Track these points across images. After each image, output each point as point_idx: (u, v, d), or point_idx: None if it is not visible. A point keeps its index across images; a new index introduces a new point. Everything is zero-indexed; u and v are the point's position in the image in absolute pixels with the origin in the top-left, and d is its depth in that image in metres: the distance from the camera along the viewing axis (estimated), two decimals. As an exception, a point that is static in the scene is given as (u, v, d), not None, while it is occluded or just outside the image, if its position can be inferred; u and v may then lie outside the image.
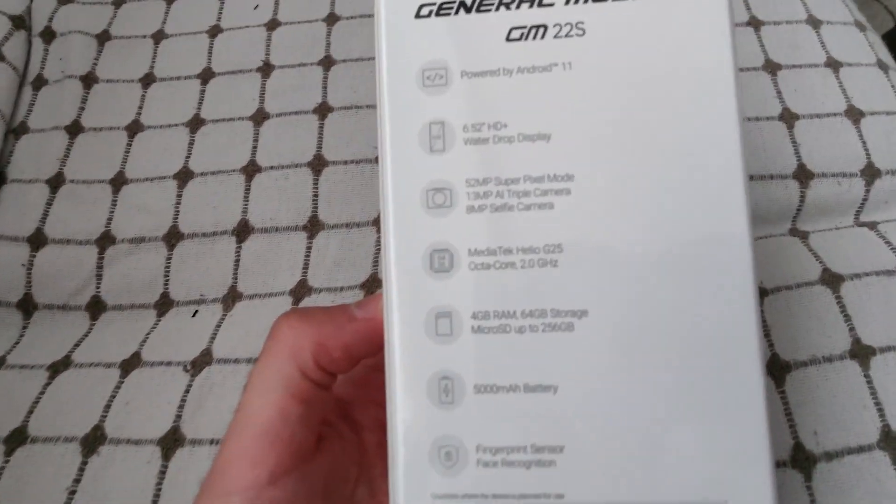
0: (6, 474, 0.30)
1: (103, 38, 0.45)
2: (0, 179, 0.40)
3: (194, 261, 0.37)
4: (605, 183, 0.17)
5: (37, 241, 0.37)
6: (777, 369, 0.30)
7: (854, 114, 0.38)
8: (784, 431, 0.29)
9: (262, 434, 0.18)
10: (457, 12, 0.18)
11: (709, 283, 0.16)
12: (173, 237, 0.37)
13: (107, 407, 0.32)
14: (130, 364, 0.33)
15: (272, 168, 0.38)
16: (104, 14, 0.47)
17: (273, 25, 0.44)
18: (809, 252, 0.34)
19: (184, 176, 0.39)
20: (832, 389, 0.29)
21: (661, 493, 0.16)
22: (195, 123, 0.41)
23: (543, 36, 0.17)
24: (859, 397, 0.29)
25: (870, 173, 0.36)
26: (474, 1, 0.18)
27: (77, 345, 0.35)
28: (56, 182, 0.39)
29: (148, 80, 0.43)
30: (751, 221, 0.17)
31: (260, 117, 0.40)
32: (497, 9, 0.18)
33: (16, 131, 0.42)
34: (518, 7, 0.18)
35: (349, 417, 0.21)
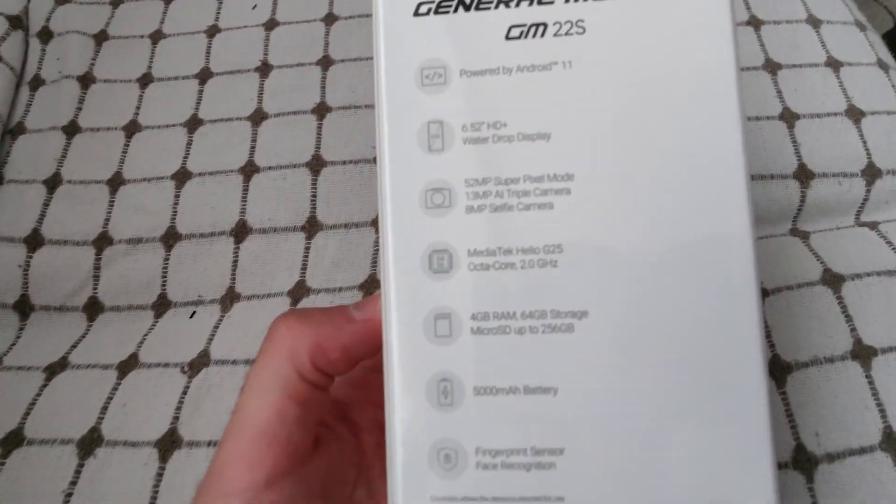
0: (2, 477, 0.30)
1: (101, 38, 0.45)
2: (-3, 180, 0.40)
3: (192, 261, 0.37)
4: (606, 183, 0.17)
5: (34, 242, 0.37)
6: (778, 370, 0.30)
7: (854, 113, 0.37)
8: (785, 432, 0.29)
9: (260, 436, 0.17)
10: (455, 10, 0.18)
11: (710, 284, 0.16)
12: (171, 238, 0.37)
13: (104, 409, 0.32)
14: (128, 365, 0.33)
15: (270, 168, 0.38)
16: (102, 14, 0.46)
17: (271, 25, 0.44)
18: (810, 252, 0.34)
19: (181, 176, 0.39)
20: (833, 390, 0.29)
21: (663, 496, 0.16)
22: (193, 124, 0.41)
23: (543, 34, 0.17)
24: (861, 398, 0.29)
25: (870, 173, 0.36)
26: (473, -1, 0.17)
27: (74, 346, 0.35)
28: (53, 182, 0.39)
29: (146, 81, 0.43)
30: (752, 221, 0.16)
31: (258, 117, 0.40)
32: (496, 7, 0.17)
33: (13, 132, 0.41)
34: (518, 5, 0.17)
35: (347, 419, 0.21)
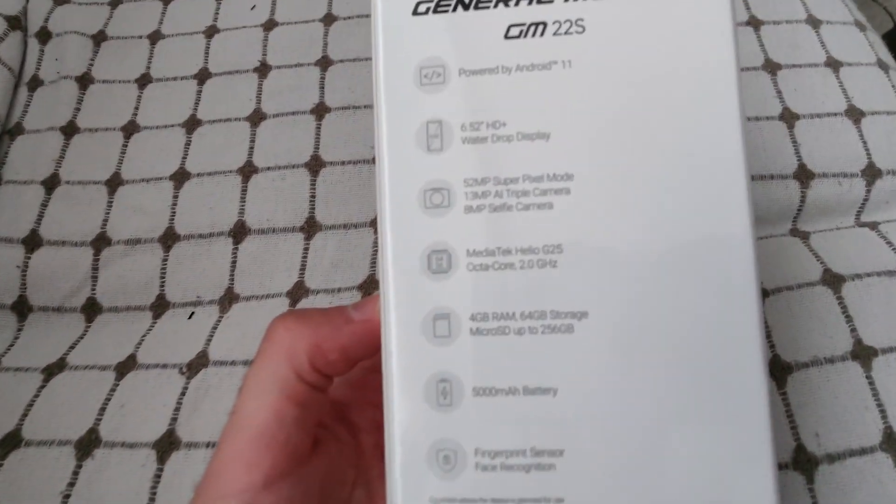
0: (0, 478, 0.30)
1: (99, 39, 0.45)
2: (-5, 180, 0.39)
3: (190, 262, 0.37)
4: (606, 182, 0.17)
5: (32, 243, 0.37)
6: (778, 370, 0.30)
7: (854, 113, 0.37)
8: (785, 433, 0.29)
9: (257, 437, 0.17)
10: (454, 9, 0.17)
11: (710, 284, 0.16)
12: (169, 238, 0.37)
13: (102, 410, 0.32)
14: (126, 366, 0.33)
15: (269, 169, 0.38)
16: (100, 14, 0.46)
17: (270, 26, 0.44)
18: (810, 252, 0.33)
19: (180, 177, 0.38)
20: (834, 391, 0.29)
21: (663, 497, 0.16)
22: (191, 124, 0.41)
23: (543, 33, 0.17)
24: (861, 398, 0.29)
25: (870, 173, 0.36)
26: (472, -2, 0.17)
27: (72, 347, 0.35)
28: (51, 183, 0.39)
29: (144, 81, 0.43)
30: (753, 221, 0.16)
31: (257, 118, 0.40)
32: (496, 6, 0.17)
33: (11, 132, 0.41)
34: (517, 4, 0.17)
35: (346, 419, 0.21)
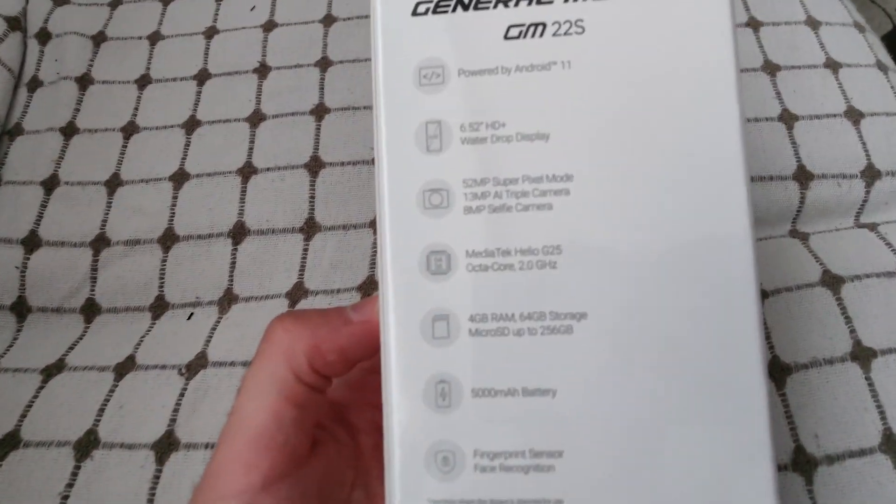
0: (-2, 479, 0.30)
1: (99, 40, 0.45)
2: (-6, 181, 0.39)
3: (190, 263, 0.37)
4: (605, 183, 0.17)
5: (31, 244, 0.37)
6: (777, 371, 0.30)
7: (854, 115, 0.37)
8: (785, 434, 0.28)
9: (256, 438, 0.17)
10: (454, 10, 0.17)
11: (710, 284, 0.16)
12: (169, 239, 0.37)
13: (100, 411, 0.31)
14: (125, 367, 0.33)
15: (268, 170, 0.38)
16: (100, 15, 0.46)
17: (269, 27, 0.44)
18: (809, 254, 0.33)
19: (179, 178, 0.38)
20: (833, 392, 0.29)
21: (662, 498, 0.16)
22: (191, 125, 0.41)
23: (542, 34, 0.17)
24: (860, 400, 0.29)
25: (870, 174, 0.36)
26: (472, -2, 0.17)
27: (71, 348, 0.35)
28: (51, 184, 0.39)
29: (144, 82, 0.43)
30: (752, 221, 0.16)
31: (256, 119, 0.40)
32: (495, 6, 0.17)
33: (10, 133, 0.41)
34: (516, 5, 0.17)
35: (345, 421, 0.21)
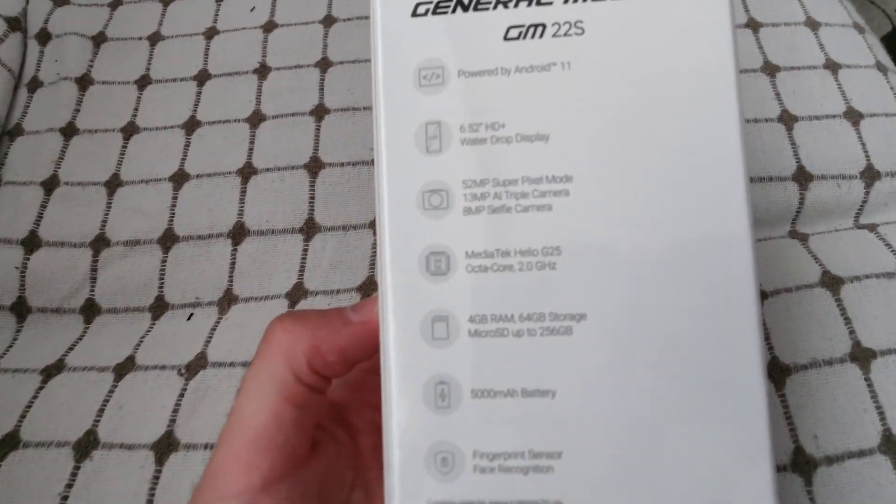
0: (-2, 479, 0.30)
1: (99, 40, 0.45)
2: (-6, 181, 0.39)
3: (189, 263, 0.37)
4: (605, 184, 0.17)
5: (31, 244, 0.37)
6: (777, 372, 0.30)
7: (853, 115, 0.37)
8: (784, 435, 0.28)
9: (256, 438, 0.17)
10: (454, 11, 0.17)
11: (709, 284, 0.16)
12: (168, 240, 0.37)
13: (100, 411, 0.31)
14: (124, 368, 0.33)
15: (268, 170, 0.38)
16: (100, 16, 0.46)
17: (269, 27, 0.44)
18: (809, 254, 0.33)
19: (179, 178, 0.38)
20: (832, 393, 0.29)
21: (661, 499, 0.16)
22: (191, 125, 0.41)
23: (542, 35, 0.17)
24: (860, 401, 0.29)
25: (869, 175, 0.36)
26: (471, -1, 0.17)
27: (71, 348, 0.35)
28: (51, 184, 0.39)
29: (144, 82, 0.43)
30: (751, 220, 0.16)
31: (256, 119, 0.40)
32: (495, 7, 0.17)
33: (10, 133, 0.41)
34: (516, 6, 0.17)
35: (345, 421, 0.21)
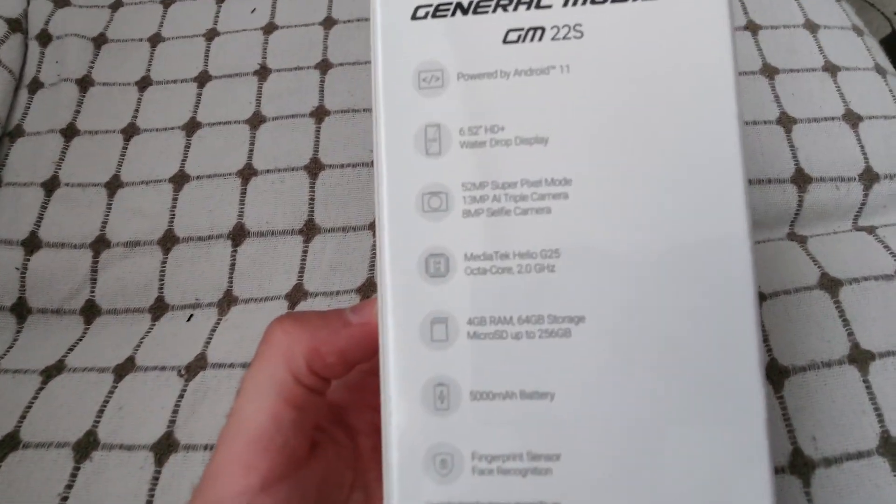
0: (-2, 480, 0.30)
1: (100, 42, 0.45)
2: (-6, 182, 0.39)
3: (190, 265, 0.37)
4: (604, 187, 0.17)
5: (31, 245, 0.37)
6: (775, 374, 0.30)
7: (852, 118, 0.38)
8: (782, 437, 0.29)
9: (255, 440, 0.17)
10: (453, 14, 0.17)
11: (707, 286, 0.16)
12: (168, 241, 0.37)
13: (100, 412, 0.32)
14: (124, 369, 0.33)
15: (268, 172, 0.38)
16: (101, 17, 0.46)
17: (270, 29, 0.44)
18: (808, 257, 0.34)
19: (179, 179, 0.39)
20: (831, 395, 0.29)
21: (660, 500, 0.16)
22: (191, 127, 0.41)
23: (541, 38, 0.17)
24: (858, 402, 0.29)
25: (868, 177, 0.36)
26: (471, 2, 0.17)
27: (71, 349, 0.35)
28: (51, 185, 0.39)
29: (144, 84, 0.43)
30: (750, 221, 0.16)
31: (256, 121, 0.40)
32: (494, 10, 0.17)
33: (11, 134, 0.41)
34: (515, 9, 0.17)
35: (344, 422, 0.21)
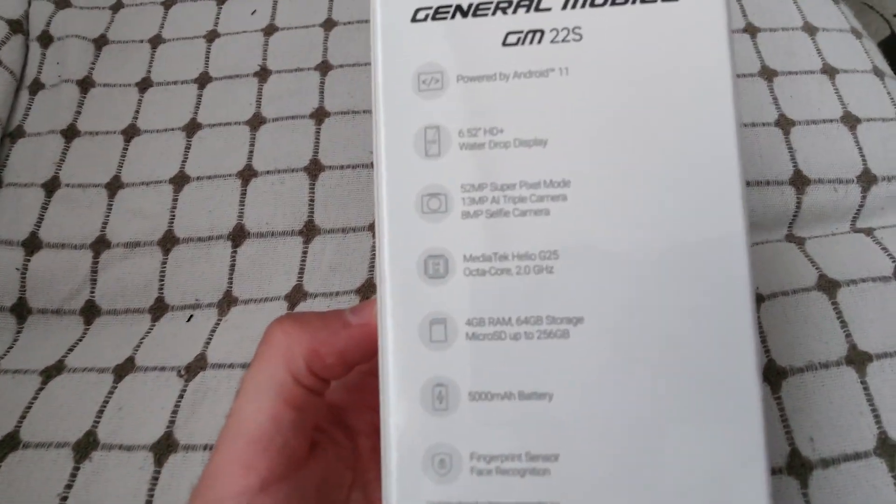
0: (-2, 480, 0.30)
1: (100, 43, 0.45)
2: (-5, 183, 0.40)
3: (189, 265, 0.37)
4: (602, 189, 0.17)
5: (31, 245, 0.37)
6: (773, 375, 0.30)
7: (850, 120, 0.38)
8: (780, 438, 0.29)
9: (254, 440, 0.17)
10: (453, 16, 0.18)
11: (704, 286, 0.16)
12: (168, 241, 0.37)
13: (100, 412, 0.32)
14: (124, 369, 0.33)
15: (268, 173, 0.38)
16: (102, 18, 0.47)
17: (270, 30, 0.44)
18: (806, 258, 0.34)
19: (180, 180, 0.39)
20: (828, 396, 0.29)
21: (658, 500, 0.16)
22: (192, 128, 0.41)
23: (540, 41, 0.17)
24: (856, 404, 0.29)
25: (866, 179, 0.36)
26: (471, 5, 0.18)
27: (71, 349, 0.35)
28: (52, 186, 0.39)
29: (145, 85, 0.43)
30: (748, 221, 0.16)
31: (256, 122, 0.40)
32: (494, 13, 0.17)
33: (12, 135, 0.41)
34: (515, 12, 0.17)
35: (343, 423, 0.21)
